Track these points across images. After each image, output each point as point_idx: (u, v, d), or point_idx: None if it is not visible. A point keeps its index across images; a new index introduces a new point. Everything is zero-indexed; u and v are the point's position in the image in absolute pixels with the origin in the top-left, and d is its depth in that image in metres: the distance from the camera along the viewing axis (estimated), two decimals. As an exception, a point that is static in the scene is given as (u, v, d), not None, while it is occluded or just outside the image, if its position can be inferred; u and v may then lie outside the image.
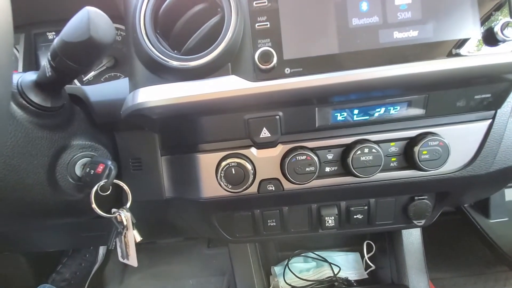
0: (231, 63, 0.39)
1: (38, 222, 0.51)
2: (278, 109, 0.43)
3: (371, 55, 0.38)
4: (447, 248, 0.85)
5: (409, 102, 0.43)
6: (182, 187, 0.51)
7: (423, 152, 0.44)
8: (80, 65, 0.35)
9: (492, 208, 0.67)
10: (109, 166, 0.42)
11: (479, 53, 0.38)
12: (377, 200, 0.54)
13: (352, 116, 0.44)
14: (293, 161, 0.45)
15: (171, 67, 0.39)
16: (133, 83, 0.43)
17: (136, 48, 0.41)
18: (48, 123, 0.40)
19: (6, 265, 0.99)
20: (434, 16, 0.38)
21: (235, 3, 0.38)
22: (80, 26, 0.32)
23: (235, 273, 0.77)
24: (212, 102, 0.39)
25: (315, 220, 0.55)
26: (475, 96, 0.43)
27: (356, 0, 0.38)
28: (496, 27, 0.37)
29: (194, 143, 0.47)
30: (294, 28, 0.38)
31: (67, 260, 1.08)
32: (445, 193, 0.52)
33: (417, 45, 0.38)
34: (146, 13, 0.39)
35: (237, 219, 0.54)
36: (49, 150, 0.41)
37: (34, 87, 0.38)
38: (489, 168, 0.47)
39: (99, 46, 0.33)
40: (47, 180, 0.41)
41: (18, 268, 1.01)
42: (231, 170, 0.45)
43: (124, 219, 0.44)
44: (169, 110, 0.40)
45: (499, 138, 0.46)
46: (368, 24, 0.38)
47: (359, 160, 0.44)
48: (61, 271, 1.05)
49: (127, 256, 0.46)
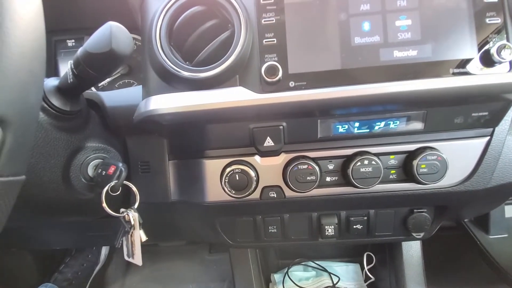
0: (239, 75, 0.42)
1: (50, 219, 0.53)
2: (282, 120, 0.45)
3: (372, 72, 0.40)
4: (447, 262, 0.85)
5: (408, 117, 0.45)
6: (188, 191, 0.53)
7: (422, 166, 0.46)
8: (99, 73, 0.38)
9: (492, 224, 0.67)
10: (120, 168, 0.45)
11: (476, 73, 0.40)
12: (377, 211, 0.55)
13: (353, 128, 0.46)
14: (295, 170, 0.46)
15: (182, 77, 0.41)
16: (146, 90, 0.46)
17: (150, 58, 0.43)
18: (65, 126, 0.43)
19: (12, 262, 1.01)
20: (433, 37, 0.40)
21: (244, 20, 0.40)
22: (103, 39, 0.35)
23: (235, 278, 0.78)
24: (220, 111, 0.41)
25: (315, 228, 0.56)
26: (472, 113, 0.44)
27: (359, 20, 0.40)
28: (492, 49, 0.38)
29: (201, 149, 0.49)
30: (299, 44, 0.41)
31: (70, 260, 1.10)
32: (443, 207, 0.53)
33: (416, 64, 0.40)
34: (161, 26, 0.42)
35: (239, 224, 0.56)
36: (65, 151, 0.43)
37: (56, 92, 0.41)
38: (487, 184, 0.48)
39: (118, 57, 0.36)
40: (62, 179, 0.44)
41: (22, 266, 1.03)
42: (235, 176, 0.47)
43: (132, 219, 0.46)
44: (179, 117, 0.43)
45: (496, 155, 0.47)
46: (369, 43, 0.40)
47: (359, 171, 0.46)
48: (63, 271, 1.06)
49: (132, 255, 0.48)
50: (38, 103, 0.27)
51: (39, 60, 0.25)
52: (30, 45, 0.23)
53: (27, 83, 0.23)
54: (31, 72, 0.23)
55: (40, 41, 0.25)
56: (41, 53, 0.25)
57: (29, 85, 0.23)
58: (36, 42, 0.24)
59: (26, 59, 0.23)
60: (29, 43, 0.23)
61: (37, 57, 0.24)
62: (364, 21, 0.40)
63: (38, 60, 0.24)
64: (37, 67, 0.24)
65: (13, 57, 0.21)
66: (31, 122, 0.26)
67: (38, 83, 0.25)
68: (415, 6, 0.40)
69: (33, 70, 0.24)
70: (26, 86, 0.23)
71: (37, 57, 0.24)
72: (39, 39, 0.24)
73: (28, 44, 0.23)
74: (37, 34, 0.24)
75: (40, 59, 0.25)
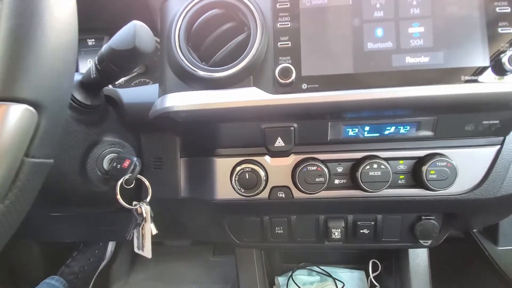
0: (253, 76, 0.43)
1: (65, 209, 0.55)
2: (293, 121, 0.46)
3: (383, 76, 0.41)
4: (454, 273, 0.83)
5: (419, 123, 0.45)
6: (198, 188, 0.54)
7: (431, 172, 0.46)
8: (121, 69, 0.40)
9: (501, 235, 0.66)
10: (135, 162, 0.46)
11: (487, 81, 0.40)
12: (384, 217, 0.55)
13: (363, 132, 0.46)
14: (304, 171, 0.47)
15: (198, 76, 0.42)
16: (162, 88, 0.47)
17: (169, 58, 0.45)
18: (85, 119, 0.45)
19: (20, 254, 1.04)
20: (445, 44, 0.40)
21: (260, 23, 0.42)
22: (127, 37, 0.37)
23: (240, 279, 0.78)
24: (233, 110, 0.43)
25: (322, 231, 0.57)
26: (483, 121, 0.45)
27: (372, 26, 0.41)
28: (504, 58, 0.39)
29: (212, 148, 0.50)
30: (313, 48, 0.42)
31: (77, 254, 1.12)
32: (452, 214, 0.53)
33: (428, 70, 0.40)
34: (181, 28, 0.44)
35: (246, 223, 0.57)
36: (84, 143, 0.45)
37: (79, 86, 0.43)
38: (496, 193, 0.48)
39: (141, 55, 0.38)
40: (79, 170, 0.46)
41: (31, 258, 1.05)
42: (245, 175, 0.48)
43: (144, 212, 0.48)
44: (193, 115, 0.44)
45: (507, 165, 0.47)
46: (382, 48, 0.41)
47: (367, 175, 0.46)
48: (70, 265, 1.08)
49: (142, 247, 0.49)
50: (70, 91, 0.29)
51: (72, 51, 0.27)
52: (65, 37, 0.25)
53: (61, 72, 0.25)
54: (65, 62, 0.25)
55: (74, 34, 0.27)
56: (74, 45, 0.27)
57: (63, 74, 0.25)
58: (71, 35, 0.26)
59: (62, 50, 0.25)
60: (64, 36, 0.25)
61: (71, 48, 0.26)
62: (378, 27, 0.41)
63: (71, 51, 0.26)
64: (71, 58, 0.26)
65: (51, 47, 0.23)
66: (63, 109, 0.28)
67: (71, 72, 0.27)
68: (428, 14, 0.41)
69: (67, 60, 0.26)
70: (61, 75, 0.25)
71: (71, 48, 0.26)
72: (73, 32, 0.26)
73: (64, 36, 0.25)
74: (71, 28, 0.26)
75: (73, 50, 0.27)
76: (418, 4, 0.41)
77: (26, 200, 0.25)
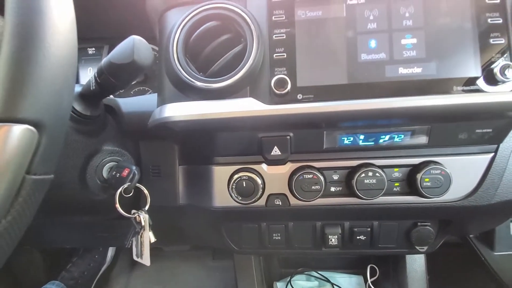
0: (250, 87, 0.44)
1: (65, 218, 0.56)
2: (289, 130, 0.47)
3: (377, 87, 0.41)
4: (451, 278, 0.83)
5: (413, 132, 0.46)
6: (196, 195, 0.54)
7: (425, 180, 0.46)
8: (120, 82, 0.41)
9: (497, 241, 0.66)
10: (134, 171, 0.47)
11: (479, 91, 0.41)
12: (380, 223, 0.55)
13: (358, 141, 0.47)
14: (301, 179, 0.48)
15: (196, 87, 0.43)
16: (161, 98, 0.48)
17: (167, 68, 0.46)
18: (84, 129, 0.46)
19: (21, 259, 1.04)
20: (438, 55, 0.41)
21: (257, 35, 0.43)
22: (126, 51, 0.38)
23: (239, 284, 0.78)
24: (230, 120, 0.43)
25: (319, 237, 0.57)
26: (476, 130, 0.45)
27: (366, 38, 0.42)
28: (495, 69, 0.40)
29: (210, 156, 0.51)
30: (308, 59, 0.43)
31: (77, 259, 1.12)
32: (447, 221, 0.54)
33: (420, 81, 0.41)
34: (179, 39, 0.45)
35: (244, 230, 0.57)
36: (83, 153, 0.46)
37: (79, 98, 0.44)
38: (490, 200, 0.49)
39: (139, 68, 0.39)
40: (79, 179, 0.46)
41: (31, 263, 1.06)
42: (242, 183, 0.49)
43: (143, 220, 0.48)
44: (191, 125, 0.45)
45: (501, 172, 0.48)
46: (375, 59, 0.42)
47: (363, 183, 0.47)
48: (70, 270, 1.09)
49: (141, 255, 0.50)
50: (69, 108, 0.30)
51: (72, 68, 0.27)
52: (65, 55, 0.26)
53: (61, 90, 0.26)
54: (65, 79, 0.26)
55: (73, 50, 0.27)
56: (74, 61, 0.28)
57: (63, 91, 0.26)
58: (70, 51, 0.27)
59: (62, 68, 0.25)
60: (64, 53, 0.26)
61: (70, 65, 0.27)
62: (371, 39, 0.42)
63: (71, 68, 0.27)
64: (70, 75, 0.27)
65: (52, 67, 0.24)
66: (63, 126, 0.29)
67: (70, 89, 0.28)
68: (420, 25, 0.41)
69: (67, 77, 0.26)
70: (61, 92, 0.26)
71: (70, 65, 0.27)
72: (72, 49, 0.27)
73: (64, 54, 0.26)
74: (71, 44, 0.27)
75: (73, 67, 0.28)
76: (410, 16, 0.42)
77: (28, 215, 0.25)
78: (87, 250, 1.12)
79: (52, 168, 0.28)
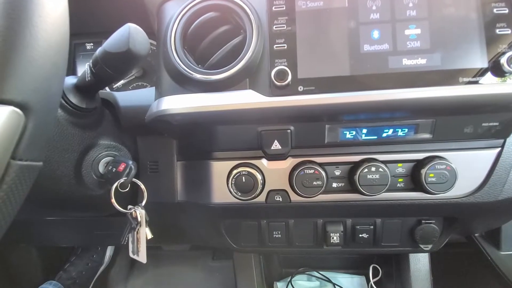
0: (249, 79, 0.43)
1: (60, 213, 0.55)
2: (290, 124, 0.45)
3: (380, 78, 0.40)
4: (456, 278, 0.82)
5: (417, 126, 0.45)
6: (194, 191, 0.53)
7: (430, 175, 0.45)
8: (116, 72, 0.40)
9: (503, 240, 0.65)
10: (130, 166, 0.46)
11: (485, 83, 0.40)
12: (384, 221, 0.54)
13: (361, 135, 0.46)
14: (301, 174, 0.47)
15: (194, 79, 0.42)
16: (159, 91, 0.47)
17: (165, 61, 0.45)
18: (80, 122, 0.45)
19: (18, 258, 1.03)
20: (442, 46, 0.40)
21: (256, 25, 0.42)
22: (121, 39, 0.37)
23: (238, 284, 0.77)
24: (229, 112, 0.42)
25: (320, 235, 0.56)
26: (482, 123, 0.44)
27: (368, 29, 0.41)
28: (502, 59, 0.39)
29: (209, 151, 0.50)
30: (309, 50, 0.41)
31: (75, 259, 1.11)
32: (452, 218, 0.52)
33: (425, 72, 0.40)
34: (177, 31, 0.44)
35: (244, 227, 0.56)
36: (79, 147, 0.45)
37: (74, 90, 0.42)
38: (497, 196, 0.47)
39: (135, 57, 0.38)
40: (74, 174, 0.45)
41: (29, 262, 1.04)
42: (242, 179, 0.48)
43: (139, 216, 0.47)
44: (189, 118, 0.44)
45: (508, 167, 0.47)
46: (378, 50, 0.41)
47: (365, 178, 0.46)
48: (68, 269, 1.08)
49: (137, 252, 0.49)
50: (59, 94, 0.29)
51: (62, 54, 0.26)
52: (55, 39, 0.25)
53: (50, 74, 0.25)
54: (55, 65, 0.25)
55: (64, 36, 0.27)
56: (65, 47, 0.27)
57: (52, 76, 0.25)
58: (61, 37, 0.26)
59: (51, 51, 0.24)
60: (54, 38, 0.25)
61: (61, 51, 0.26)
62: (374, 29, 0.41)
63: (61, 54, 0.26)
64: (61, 60, 0.26)
65: (39, 49, 0.23)
66: (52, 112, 0.28)
67: (60, 76, 0.27)
68: (424, 15, 0.40)
69: (56, 62, 0.25)
70: (50, 77, 0.25)
71: (61, 51, 0.26)
72: (63, 35, 0.26)
73: (54, 38, 0.25)
74: (62, 30, 0.26)
75: (63, 53, 0.27)
76: (414, 6, 0.41)
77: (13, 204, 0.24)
78: (85, 249, 1.11)
79: (41, 155, 0.27)
